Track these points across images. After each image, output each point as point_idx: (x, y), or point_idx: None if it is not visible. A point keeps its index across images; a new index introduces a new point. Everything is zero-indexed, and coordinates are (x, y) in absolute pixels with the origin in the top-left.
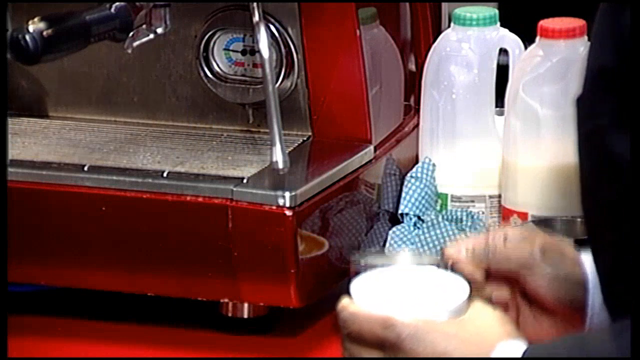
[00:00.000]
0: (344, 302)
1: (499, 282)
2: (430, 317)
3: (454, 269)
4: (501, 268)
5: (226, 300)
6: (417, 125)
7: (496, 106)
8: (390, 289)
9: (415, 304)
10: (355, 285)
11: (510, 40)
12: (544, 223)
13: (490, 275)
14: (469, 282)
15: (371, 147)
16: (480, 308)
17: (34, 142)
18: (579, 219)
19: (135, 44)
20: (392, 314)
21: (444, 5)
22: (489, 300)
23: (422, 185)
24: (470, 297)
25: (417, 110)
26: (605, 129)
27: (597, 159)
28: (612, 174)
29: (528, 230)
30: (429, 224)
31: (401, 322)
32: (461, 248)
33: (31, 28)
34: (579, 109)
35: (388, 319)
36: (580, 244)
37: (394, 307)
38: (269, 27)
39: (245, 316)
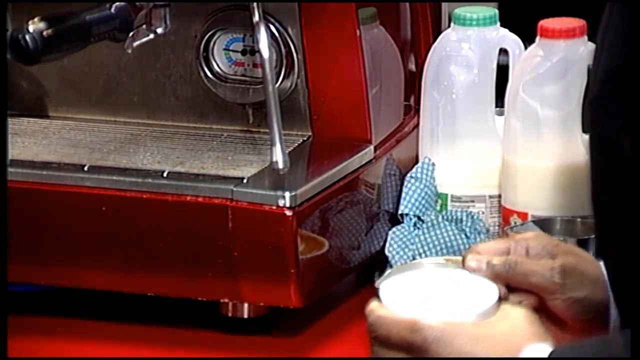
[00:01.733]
0: (372, 305)
1: (520, 294)
2: (457, 320)
3: None
4: (521, 285)
5: (226, 300)
6: (417, 125)
7: (496, 106)
8: (418, 292)
9: (442, 307)
10: (384, 287)
11: (510, 40)
12: (544, 223)
13: (510, 288)
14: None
15: (371, 147)
16: (508, 310)
17: (34, 142)
18: (579, 219)
19: (135, 44)
20: (419, 316)
21: (444, 5)
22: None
23: (422, 186)
24: (499, 300)
25: (417, 110)
26: (618, 131)
27: (610, 162)
28: (623, 175)
29: (550, 243)
30: (429, 224)
31: (428, 325)
32: (482, 261)
33: (31, 28)
34: (592, 111)
35: (415, 322)
36: (580, 244)
37: (422, 309)
38: (269, 27)
39: (245, 316)
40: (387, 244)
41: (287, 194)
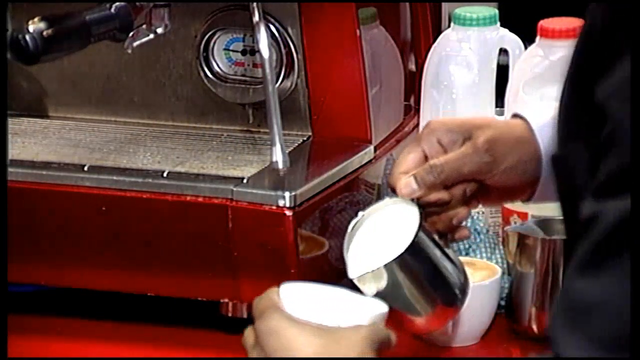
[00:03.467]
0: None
1: (458, 186)
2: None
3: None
4: (457, 180)
5: (226, 300)
6: (417, 125)
7: (496, 106)
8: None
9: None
10: (285, 289)
11: (510, 40)
12: (544, 223)
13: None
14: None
15: (371, 147)
16: (351, 332)
17: (34, 142)
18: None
19: (135, 44)
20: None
21: (444, 5)
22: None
23: None
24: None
25: (417, 110)
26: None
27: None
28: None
29: (454, 123)
30: None
31: (270, 315)
32: (411, 183)
33: (31, 28)
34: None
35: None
36: None
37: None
38: (269, 27)
39: (245, 316)
40: None
41: (287, 194)
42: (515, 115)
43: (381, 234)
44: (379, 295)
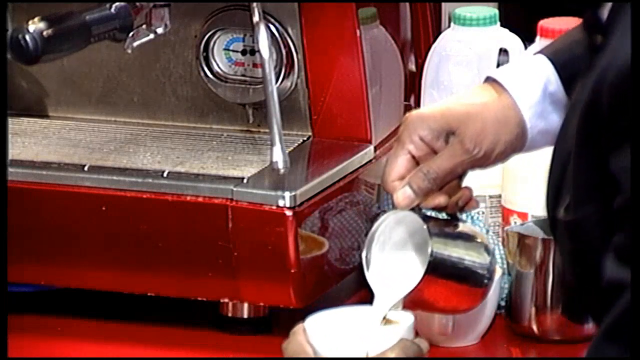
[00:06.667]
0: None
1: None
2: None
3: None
4: (453, 178)
5: (226, 300)
6: None
7: None
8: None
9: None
10: (310, 323)
11: (510, 40)
12: (544, 223)
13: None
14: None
15: (371, 147)
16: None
17: (34, 142)
18: None
19: (135, 44)
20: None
21: (444, 5)
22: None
23: None
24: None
25: None
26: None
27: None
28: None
29: (432, 119)
30: None
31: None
32: (407, 193)
33: (31, 28)
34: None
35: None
36: None
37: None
38: (269, 27)
39: (245, 316)
40: None
41: (287, 194)
42: (486, 80)
43: (395, 251)
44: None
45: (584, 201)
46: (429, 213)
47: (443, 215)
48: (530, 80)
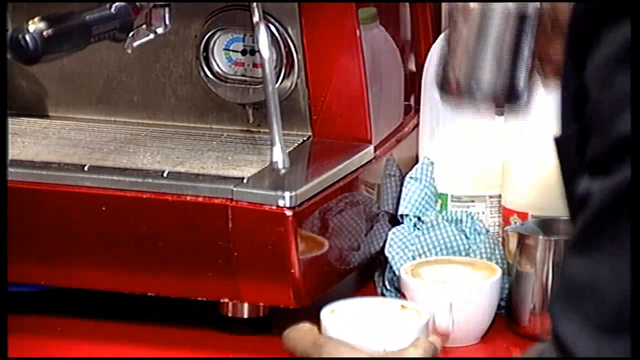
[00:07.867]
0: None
1: None
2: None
3: None
4: None
5: (226, 300)
6: (417, 125)
7: None
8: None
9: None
10: (325, 312)
11: None
12: (544, 223)
13: None
14: None
15: (371, 147)
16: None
17: (34, 142)
18: None
19: (135, 44)
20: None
21: (444, 5)
22: None
23: (421, 186)
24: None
25: (417, 110)
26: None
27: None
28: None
29: None
30: (429, 224)
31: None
32: None
33: (31, 28)
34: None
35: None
36: None
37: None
38: (269, 27)
39: (245, 316)
40: (387, 245)
41: (287, 194)
42: None
43: None
44: None
45: (570, 117)
46: None
47: None
48: None
